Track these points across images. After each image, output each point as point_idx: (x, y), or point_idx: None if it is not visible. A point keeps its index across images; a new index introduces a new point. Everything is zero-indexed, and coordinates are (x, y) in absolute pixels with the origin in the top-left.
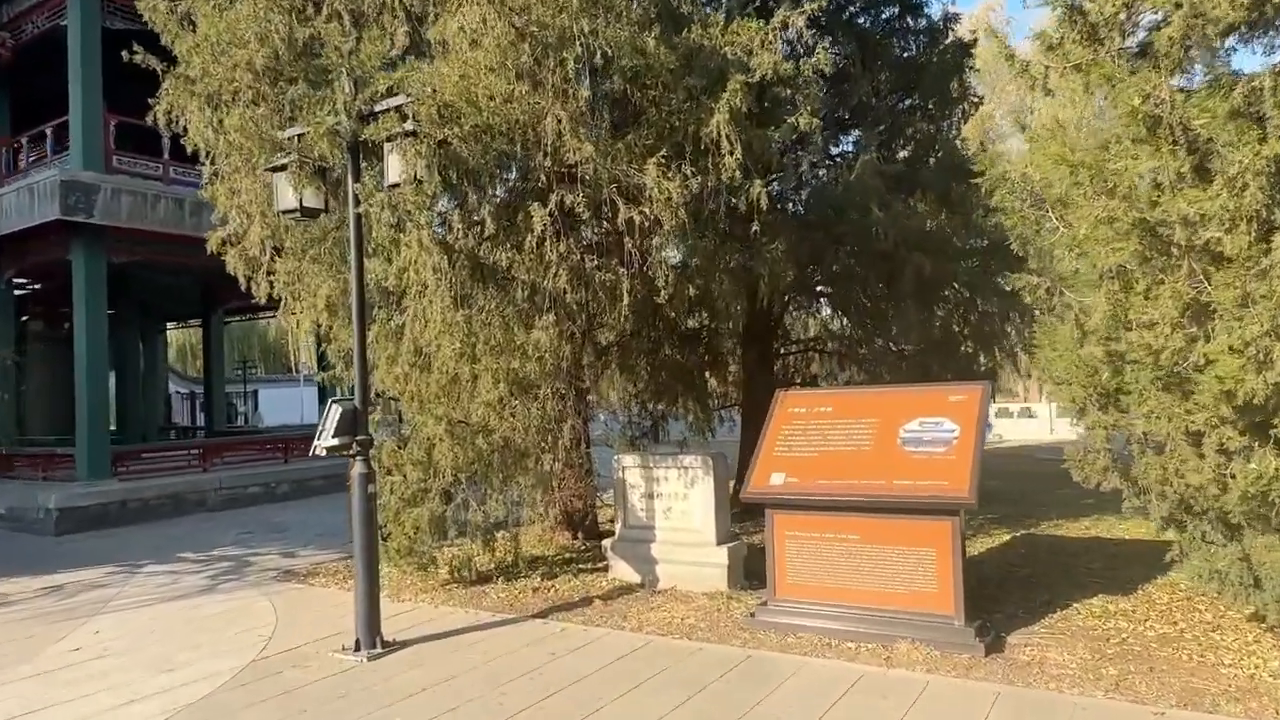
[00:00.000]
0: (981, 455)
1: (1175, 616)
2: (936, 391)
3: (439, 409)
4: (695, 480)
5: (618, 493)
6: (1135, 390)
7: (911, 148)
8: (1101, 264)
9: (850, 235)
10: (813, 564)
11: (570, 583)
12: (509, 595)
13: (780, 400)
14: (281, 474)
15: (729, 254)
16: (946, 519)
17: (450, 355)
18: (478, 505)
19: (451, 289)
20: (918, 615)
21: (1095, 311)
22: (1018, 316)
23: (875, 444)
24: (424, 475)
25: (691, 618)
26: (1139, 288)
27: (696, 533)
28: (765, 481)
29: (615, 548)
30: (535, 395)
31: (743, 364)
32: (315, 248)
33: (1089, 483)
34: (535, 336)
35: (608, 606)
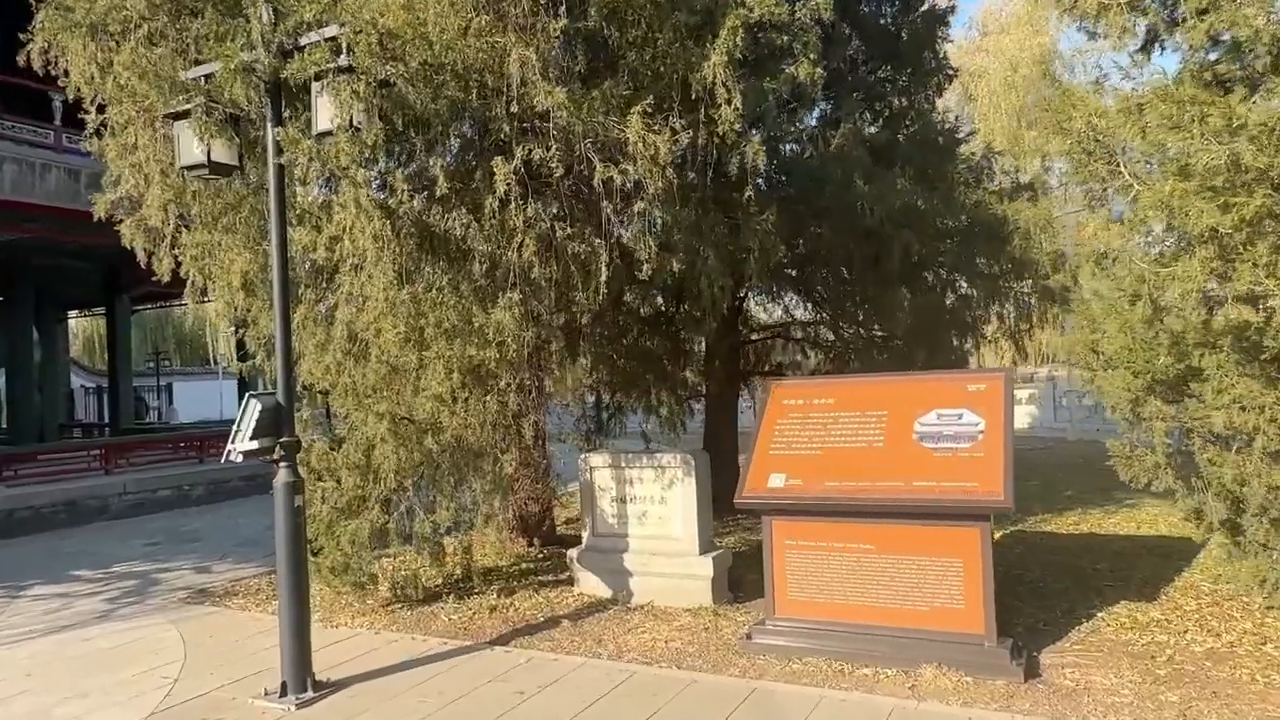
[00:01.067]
0: (1013, 452)
1: (1212, 625)
2: (952, 380)
3: (379, 404)
4: (674, 482)
5: (584, 497)
6: (1214, 377)
7: (886, 120)
8: (1198, 225)
9: (833, 210)
10: (817, 578)
11: (532, 599)
12: (462, 617)
13: (771, 391)
14: (196, 475)
15: (713, 226)
16: (975, 525)
17: (393, 341)
18: (425, 514)
19: (395, 262)
20: (942, 636)
21: (1182, 283)
22: (1001, 301)
23: (888, 440)
24: (362, 481)
25: (677, 640)
26: (1256, 252)
27: (676, 541)
28: (763, 484)
29: (582, 558)
30: (493, 387)
31: (707, 351)
32: (229, 215)
33: (1137, 482)
34: (497, 318)
35: (578, 628)
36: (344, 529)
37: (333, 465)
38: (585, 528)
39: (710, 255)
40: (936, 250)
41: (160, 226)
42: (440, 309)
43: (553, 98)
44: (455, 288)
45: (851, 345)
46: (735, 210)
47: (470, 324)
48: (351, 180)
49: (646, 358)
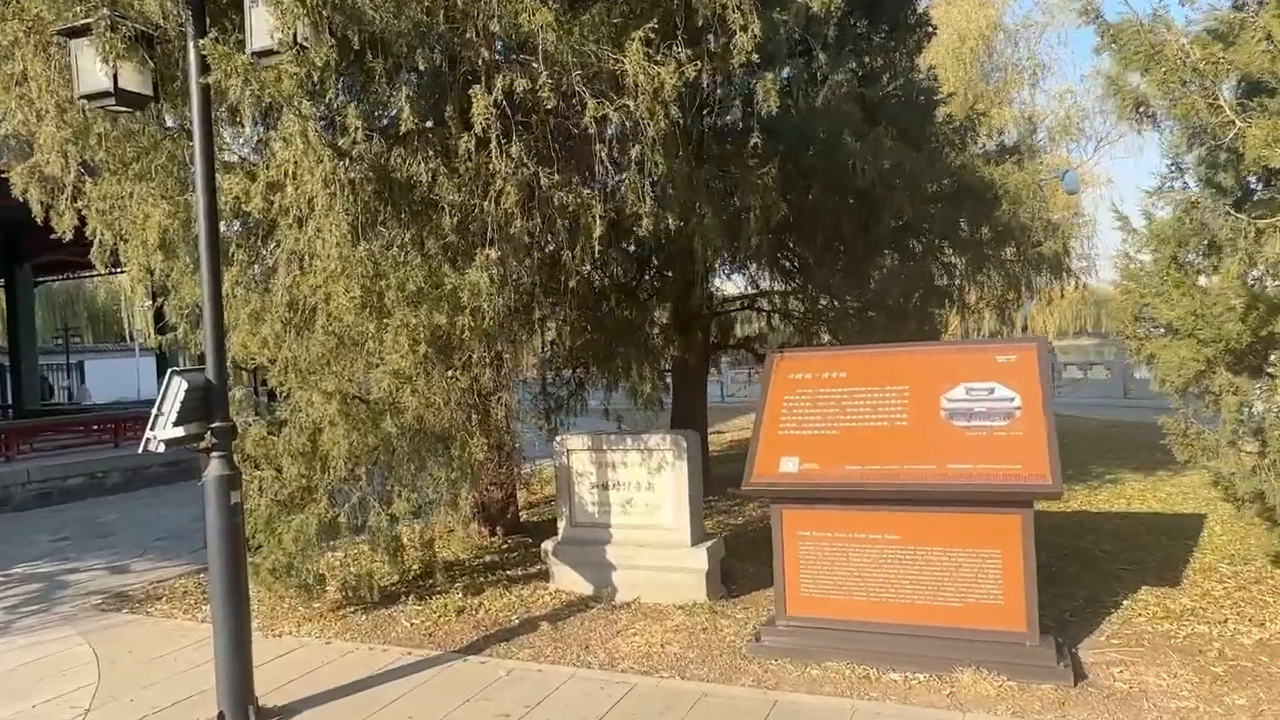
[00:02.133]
0: (1055, 430)
1: (1250, 613)
2: (978, 351)
3: (328, 382)
4: (663, 466)
5: (561, 483)
6: None
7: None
8: None
9: (820, 169)
10: (834, 572)
11: (503, 598)
12: (426, 621)
13: (775, 364)
14: (112, 461)
15: (709, 180)
16: (1016, 512)
17: (347, 307)
18: (381, 505)
19: (349, 213)
20: (979, 635)
21: None
22: (987, 269)
23: (913, 418)
24: (307, 470)
25: (674, 644)
26: None
27: (666, 531)
28: (774, 468)
29: (558, 551)
30: (465, 360)
31: (674, 322)
32: (142, 161)
33: (1195, 463)
34: (472, 279)
35: (559, 631)
36: (286, 525)
37: (272, 452)
38: (562, 517)
39: (707, 213)
40: (926, 214)
41: (59, 175)
42: (403, 269)
43: (539, 17)
44: (420, 245)
45: (824, 316)
46: (730, 163)
47: (439, 287)
48: (296, 111)
49: (625, 328)
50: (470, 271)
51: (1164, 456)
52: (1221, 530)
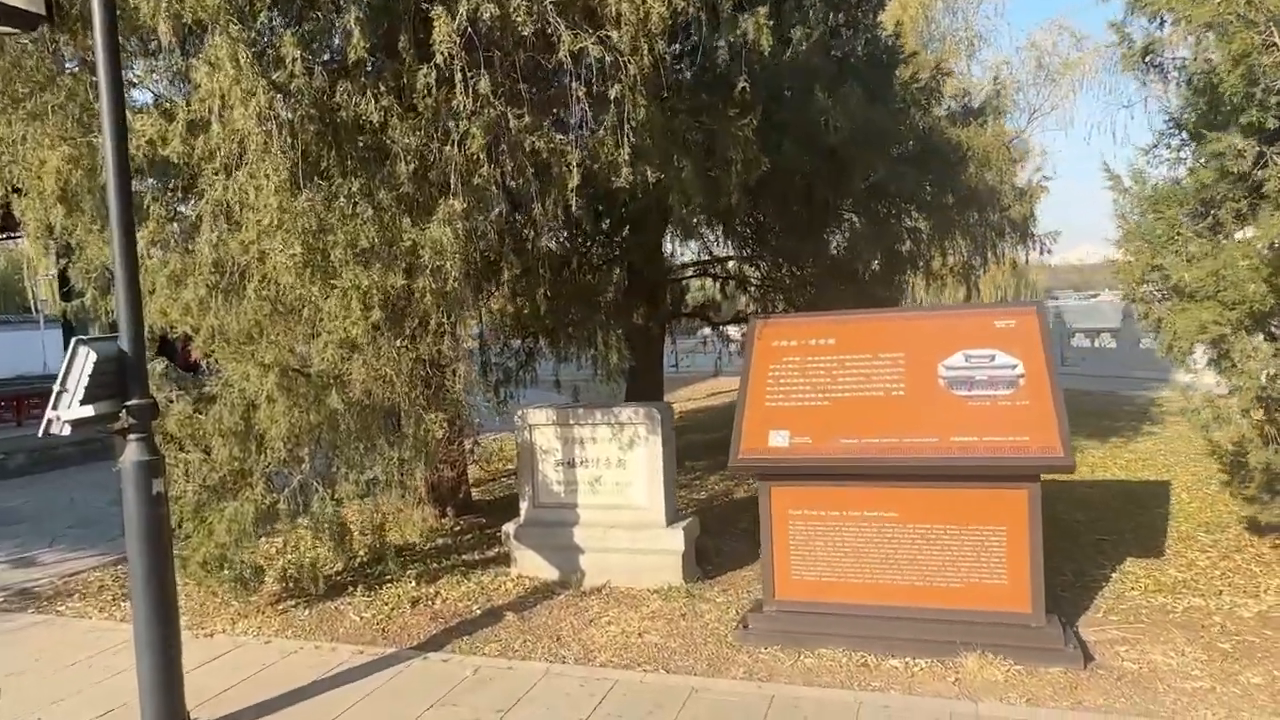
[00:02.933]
0: (1062, 398)
1: (1241, 583)
2: (975, 315)
3: (265, 353)
4: (635, 441)
5: (523, 461)
6: None
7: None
8: None
9: (794, 124)
10: (828, 553)
11: (461, 586)
12: (378, 614)
13: (758, 331)
14: (14, 441)
15: (687, 130)
16: (1023, 487)
17: (286, 267)
18: (325, 489)
19: (288, 158)
20: (982, 616)
21: None
22: (954, 234)
23: (911, 387)
24: (241, 451)
25: (654, 633)
26: None
27: (639, 510)
28: (763, 443)
29: (521, 534)
30: (422, 327)
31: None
32: (36, 98)
33: (1209, 433)
34: (434, 235)
35: (526, 622)
36: (218, 513)
37: (200, 432)
38: (524, 497)
39: (686, 165)
40: (895, 175)
41: None
42: (352, 223)
43: None
44: (371, 196)
45: (781, 284)
46: (708, 114)
47: (394, 244)
48: (224, 30)
49: (588, 293)
50: (431, 226)
51: (1113, 424)
52: (1189, 497)
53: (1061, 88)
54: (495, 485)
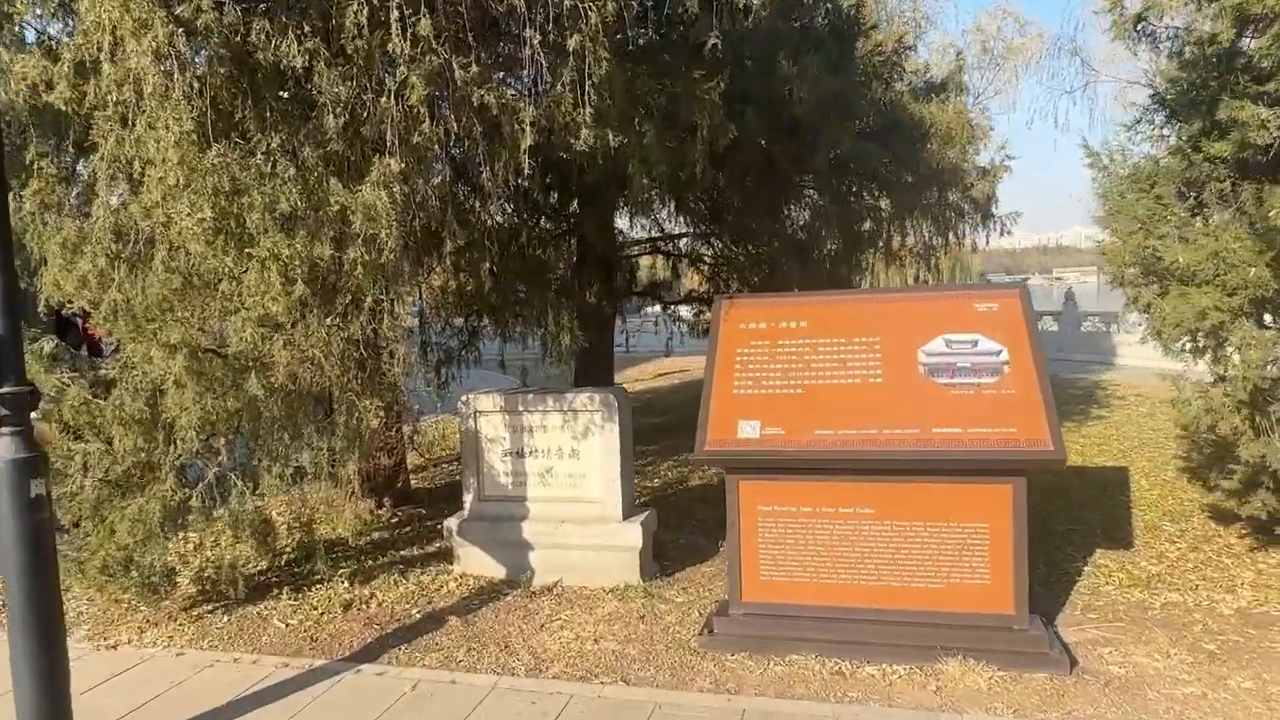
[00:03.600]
0: (1050, 386)
1: (1214, 578)
2: (955, 298)
3: (172, 331)
4: (590, 429)
5: (468, 450)
6: None
7: None
8: None
9: (758, 93)
10: (799, 551)
11: (399, 586)
12: (306, 619)
13: (724, 312)
14: None
15: (649, 93)
16: (1007, 481)
17: (195, 233)
18: (245, 483)
19: (195, 106)
20: (962, 619)
21: None
22: (916, 214)
23: (889, 374)
24: (147, 441)
25: (610, 638)
26: None
27: (593, 504)
28: (730, 434)
29: (465, 529)
30: (358, 304)
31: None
32: None
33: (1198, 425)
34: (366, 199)
35: (471, 627)
36: (120, 511)
37: (99, 420)
38: (468, 490)
39: (649, 131)
40: (859, 151)
41: None
42: (272, 184)
43: None
44: (294, 153)
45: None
46: (671, 76)
47: (321, 208)
48: None
49: (539, 270)
50: (364, 189)
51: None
52: (1149, 484)
53: (1005, 72)
54: (436, 472)
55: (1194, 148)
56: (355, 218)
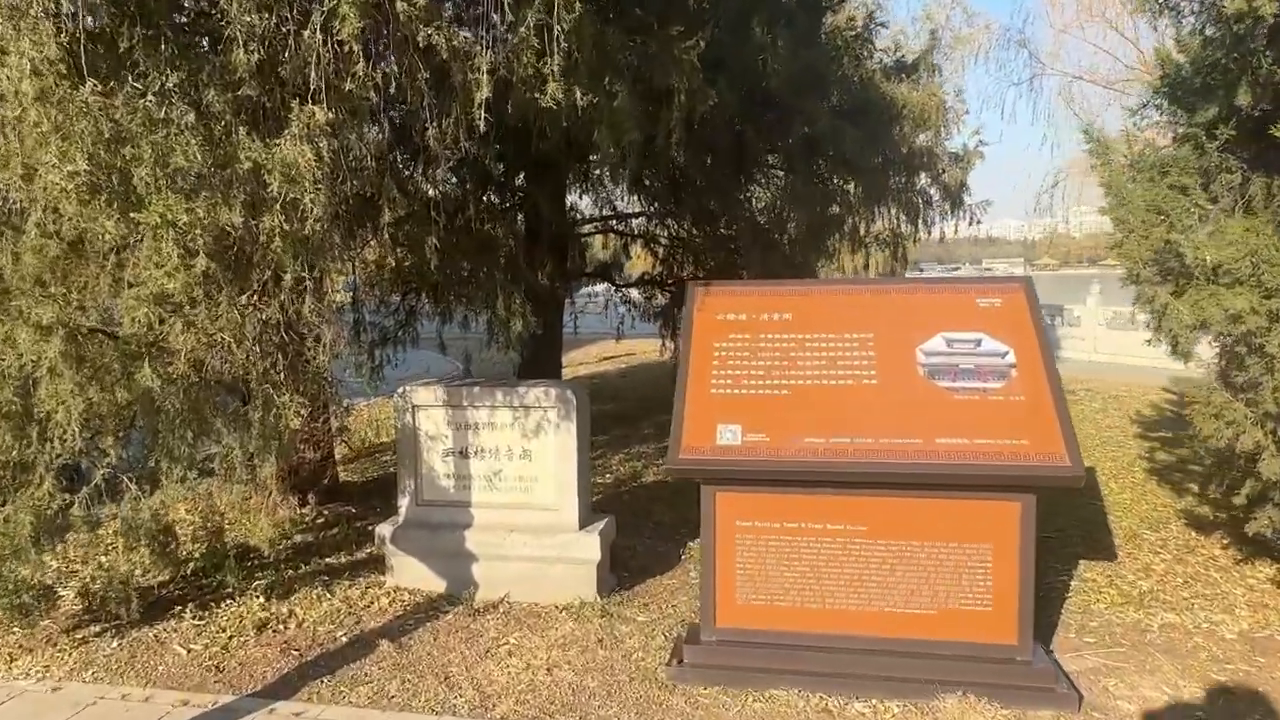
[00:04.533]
0: (1063, 391)
1: (1208, 595)
2: (954, 291)
3: (45, 309)
4: (544, 428)
5: (404, 448)
6: None
7: None
8: None
9: (730, 63)
10: (781, 573)
11: (323, 603)
12: (212, 644)
13: (697, 301)
14: None
15: (621, 50)
16: (1016, 498)
17: (66, 191)
18: (138, 488)
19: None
20: (961, 648)
21: None
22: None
23: (884, 375)
24: (16, 439)
25: (566, 666)
26: None
27: (547, 512)
28: (708, 440)
29: (400, 538)
30: (279, 281)
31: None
32: None
33: (1219, 439)
34: (286, 155)
35: (405, 653)
36: None
37: None
38: (404, 493)
39: (621, 92)
40: (836, 130)
41: None
42: (165, 133)
43: None
44: (196, 96)
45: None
46: (644, 34)
47: (229, 165)
48: None
49: (487, 246)
50: (283, 143)
51: None
52: (1118, 486)
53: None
54: (369, 464)
55: (1209, 135)
56: (272, 178)
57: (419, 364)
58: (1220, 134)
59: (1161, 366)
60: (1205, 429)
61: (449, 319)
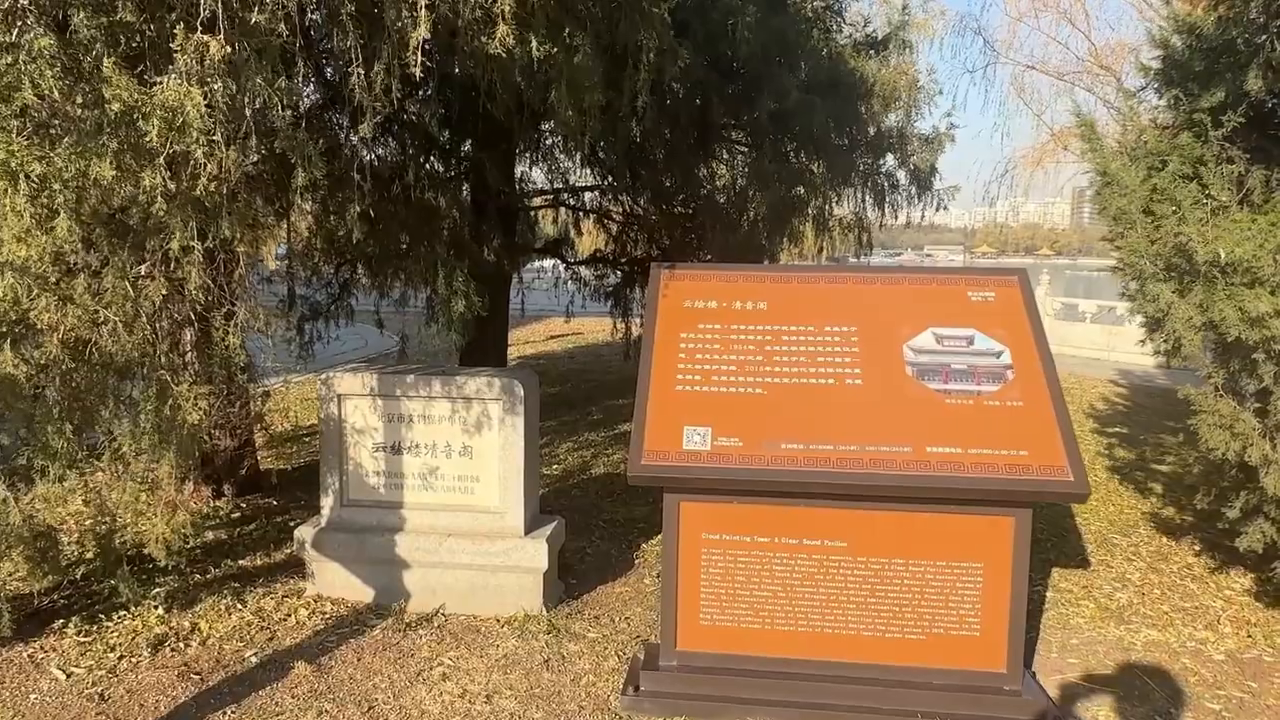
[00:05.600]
0: (1063, 397)
1: (1188, 608)
2: (942, 282)
3: None
4: (486, 422)
5: (329, 443)
6: None
7: None
8: None
9: (696, 28)
10: (751, 591)
11: (233, 615)
12: (98, 666)
13: (662, 285)
14: None
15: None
16: (1009, 513)
17: None
18: (7, 488)
19: None
20: (946, 676)
21: None
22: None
23: (869, 374)
24: None
25: (508, 693)
26: None
27: (490, 515)
28: (674, 444)
29: (323, 541)
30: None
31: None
32: None
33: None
34: (170, 97)
35: (324, 677)
36: None
37: None
38: (328, 492)
39: (583, 46)
40: (808, 104)
41: None
42: (12, 58)
43: None
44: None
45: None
46: None
47: (97, 107)
48: None
49: (428, 217)
50: (166, 82)
51: None
52: None
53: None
54: (296, 448)
55: (1215, 122)
56: (149, 125)
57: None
58: (1228, 121)
59: (1109, 360)
60: (1212, 439)
61: (386, 294)
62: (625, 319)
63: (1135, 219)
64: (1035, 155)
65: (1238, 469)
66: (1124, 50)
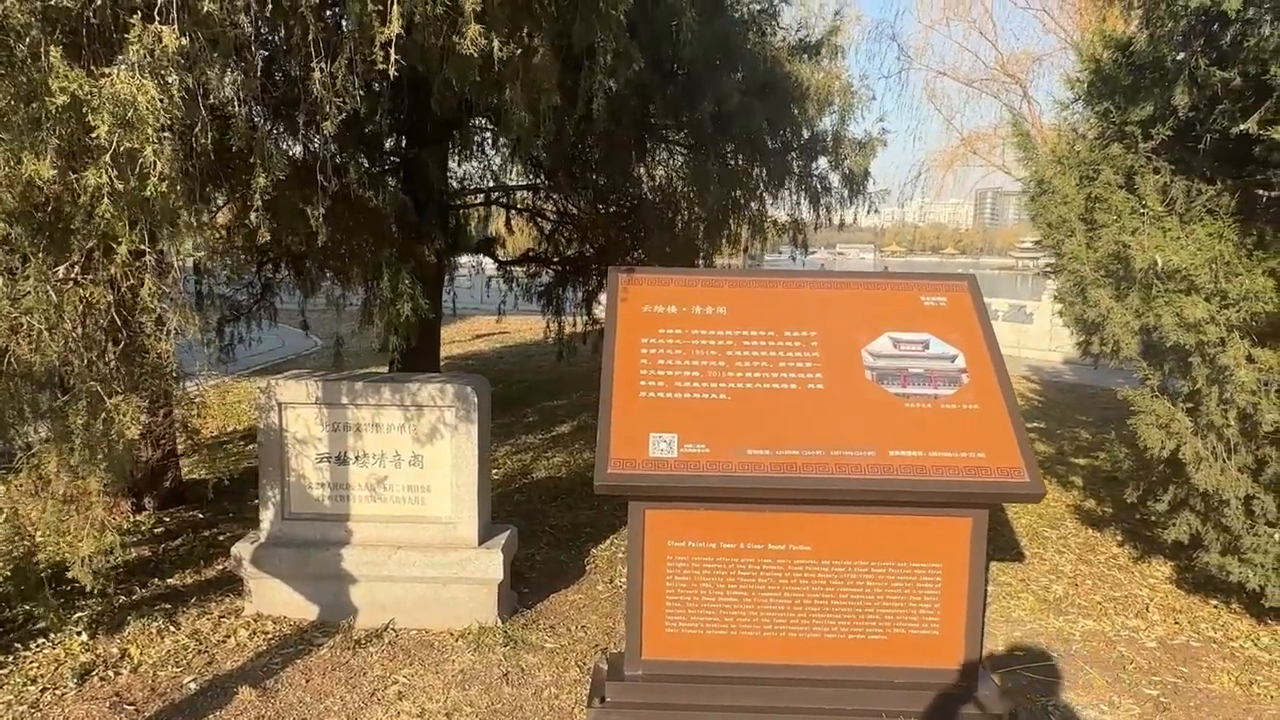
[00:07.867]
0: (1015, 400)
1: (1118, 597)
2: (896, 287)
3: None
4: (439, 430)
5: (268, 454)
6: None
7: None
8: None
9: (640, 29)
10: (716, 598)
11: (167, 638)
12: (17, 701)
13: (620, 290)
14: None
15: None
16: (967, 514)
17: None
18: None
19: None
20: (907, 675)
21: None
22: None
23: (830, 379)
24: None
25: (468, 711)
26: None
27: (441, 526)
28: (640, 451)
29: (263, 558)
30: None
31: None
32: None
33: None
34: (120, 90)
35: (270, 701)
36: None
37: None
38: (268, 505)
39: (542, 47)
40: (747, 107)
41: None
42: None
43: None
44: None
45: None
46: None
47: (38, 99)
48: None
49: (372, 217)
50: (116, 73)
51: None
52: None
53: None
54: (221, 455)
55: (1145, 135)
56: (99, 120)
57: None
58: (1156, 134)
59: (1019, 356)
60: (1148, 438)
61: (312, 293)
62: (558, 318)
63: (1075, 226)
64: (947, 159)
65: (1166, 465)
66: (1028, 60)
